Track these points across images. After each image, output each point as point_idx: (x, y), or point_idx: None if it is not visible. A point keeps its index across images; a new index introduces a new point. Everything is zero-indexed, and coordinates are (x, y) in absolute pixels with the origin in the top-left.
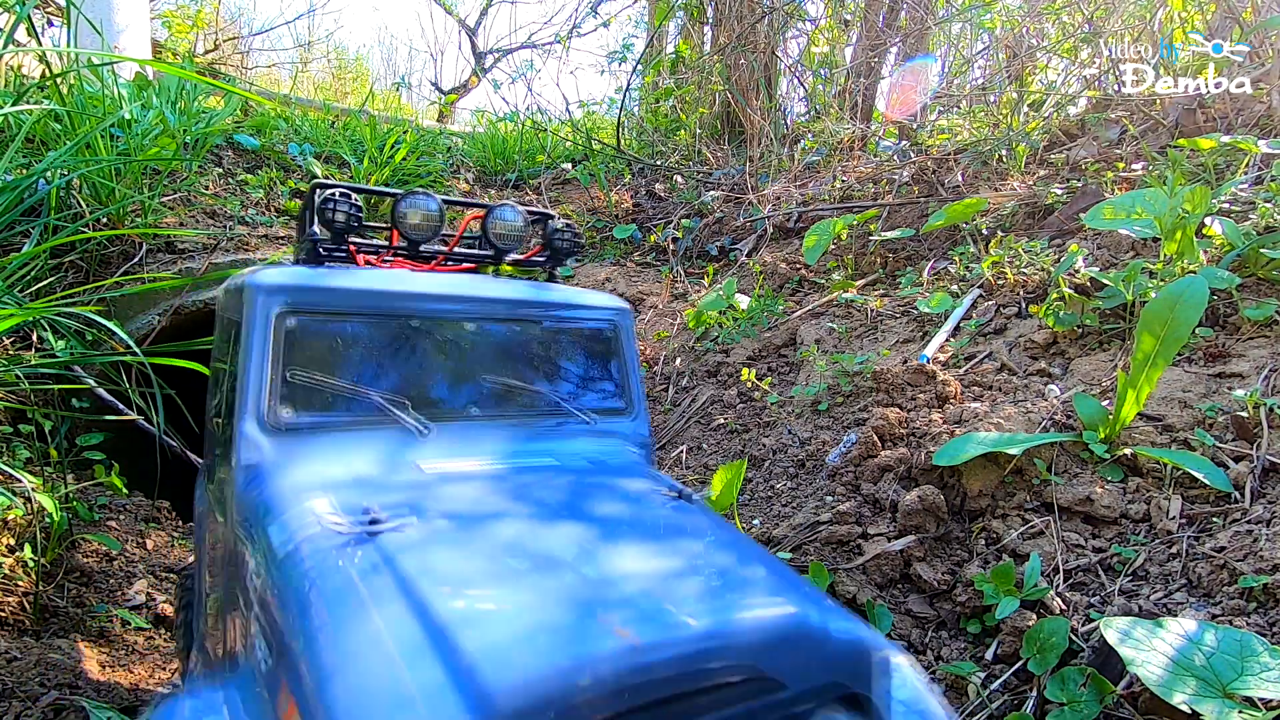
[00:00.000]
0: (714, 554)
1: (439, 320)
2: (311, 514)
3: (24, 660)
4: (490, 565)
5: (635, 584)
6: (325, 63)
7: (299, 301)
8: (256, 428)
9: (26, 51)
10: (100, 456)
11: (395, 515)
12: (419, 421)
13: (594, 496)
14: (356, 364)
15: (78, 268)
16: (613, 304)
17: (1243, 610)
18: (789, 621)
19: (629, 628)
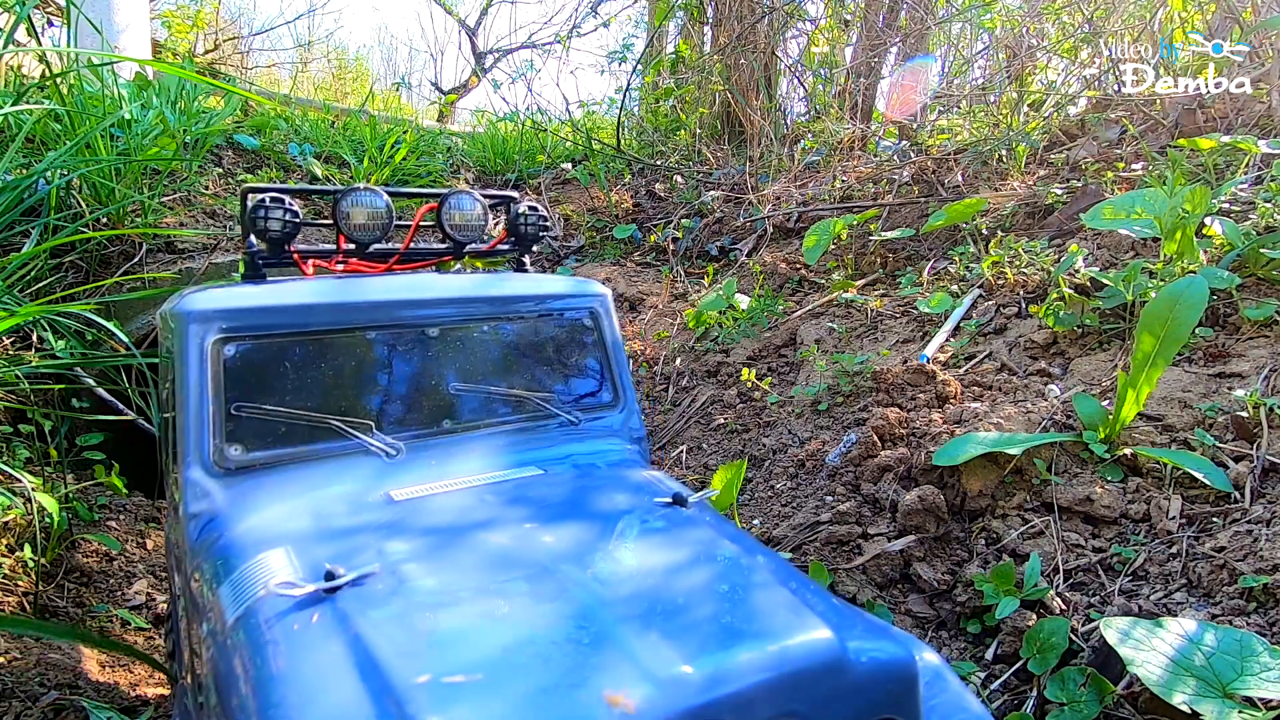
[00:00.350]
0: (715, 575)
1: (398, 328)
2: (264, 571)
3: (24, 660)
4: (463, 620)
5: (627, 628)
6: (325, 63)
7: (236, 326)
8: (202, 472)
9: (26, 51)
10: (100, 456)
11: (357, 565)
12: (387, 444)
13: (580, 514)
14: (311, 387)
15: (78, 268)
16: (589, 289)
17: (1243, 610)
18: (806, 654)
19: (622, 692)
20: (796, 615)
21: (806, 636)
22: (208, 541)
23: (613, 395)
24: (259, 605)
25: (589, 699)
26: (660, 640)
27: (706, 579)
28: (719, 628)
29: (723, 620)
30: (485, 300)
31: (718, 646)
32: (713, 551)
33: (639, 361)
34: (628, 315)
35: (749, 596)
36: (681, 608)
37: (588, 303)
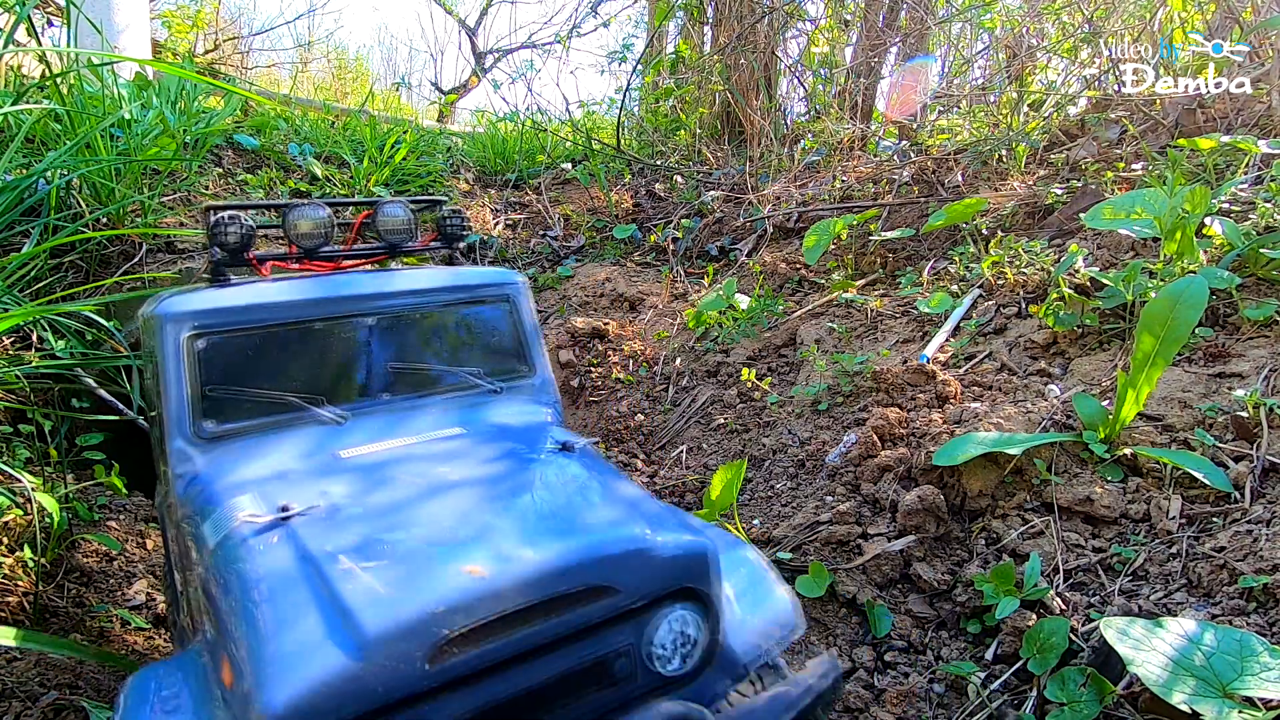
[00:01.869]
0: (571, 493)
1: (341, 319)
2: (236, 509)
3: (24, 660)
4: (376, 531)
5: (498, 531)
6: (325, 63)
7: (205, 324)
8: (184, 442)
9: (26, 51)
10: (100, 456)
11: (306, 502)
12: (335, 413)
13: (486, 459)
14: (270, 370)
15: (78, 268)
16: (502, 277)
17: (1243, 610)
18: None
19: (479, 565)
20: (620, 517)
21: (622, 530)
22: (192, 494)
23: (528, 366)
24: (233, 532)
25: (453, 570)
26: (516, 534)
27: (562, 496)
28: (561, 526)
29: (565, 521)
30: (414, 292)
31: (555, 537)
32: (575, 480)
33: (639, 361)
34: (628, 315)
35: (590, 507)
36: (538, 514)
37: (505, 289)
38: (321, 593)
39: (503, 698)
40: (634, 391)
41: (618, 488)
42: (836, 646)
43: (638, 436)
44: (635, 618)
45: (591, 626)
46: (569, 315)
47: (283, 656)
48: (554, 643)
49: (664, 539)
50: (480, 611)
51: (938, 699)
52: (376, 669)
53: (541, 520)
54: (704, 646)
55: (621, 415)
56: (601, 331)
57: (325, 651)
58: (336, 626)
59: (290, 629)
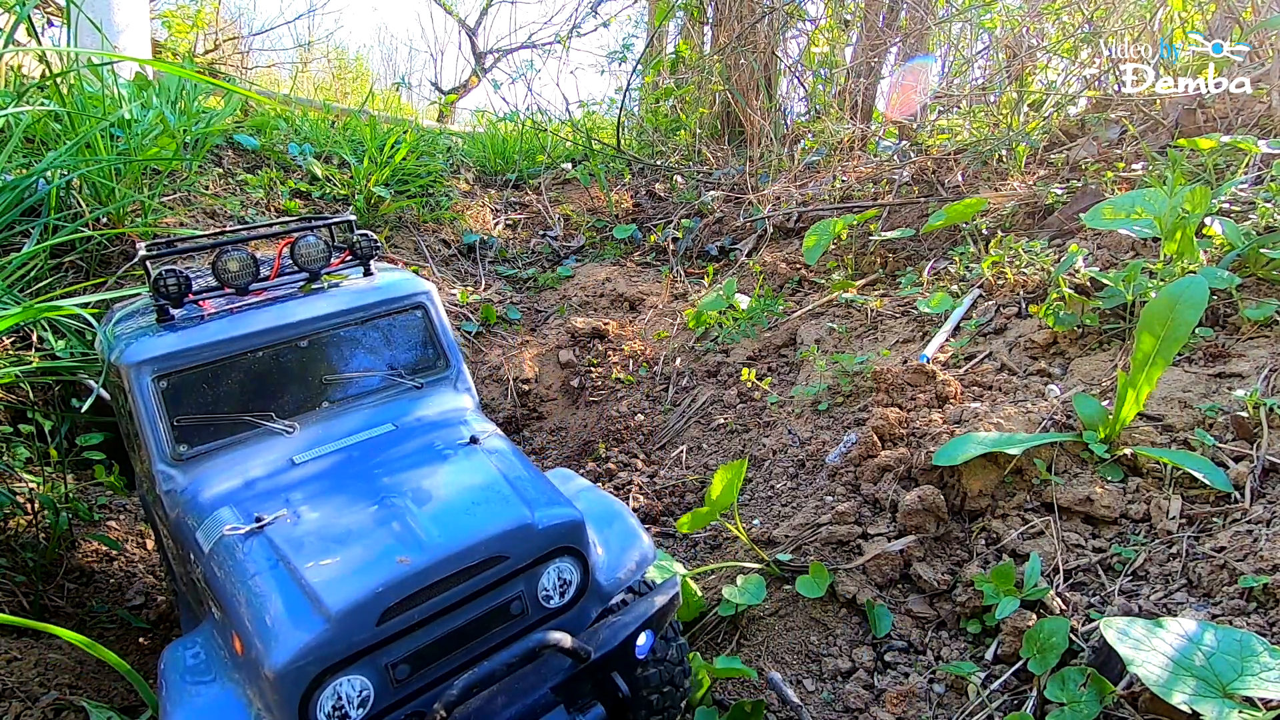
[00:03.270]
0: (474, 483)
1: (278, 345)
2: (219, 521)
3: (24, 660)
4: (330, 531)
5: (419, 521)
6: (325, 63)
7: (164, 367)
8: (165, 465)
9: (26, 51)
10: (100, 456)
11: (273, 510)
12: (284, 425)
13: (408, 453)
14: (227, 394)
15: (78, 268)
16: (414, 288)
17: (1243, 610)
18: (507, 521)
19: (407, 555)
20: (510, 501)
21: (509, 514)
22: (180, 505)
23: (444, 361)
24: (220, 541)
25: (389, 561)
26: (432, 523)
27: (468, 486)
28: (465, 512)
29: (469, 508)
30: (337, 314)
31: (461, 524)
32: (478, 470)
33: (639, 361)
34: (628, 315)
35: (486, 495)
36: (448, 504)
37: (417, 298)
38: (295, 583)
39: (431, 640)
40: (634, 391)
41: (512, 473)
42: (837, 646)
43: (638, 436)
44: (526, 573)
45: (492, 585)
46: (569, 315)
47: (277, 629)
48: (466, 599)
49: (542, 514)
50: (410, 588)
51: (938, 699)
52: (341, 631)
53: (450, 508)
54: (578, 585)
55: (621, 415)
56: (601, 331)
57: (305, 624)
58: (309, 607)
59: (278, 610)
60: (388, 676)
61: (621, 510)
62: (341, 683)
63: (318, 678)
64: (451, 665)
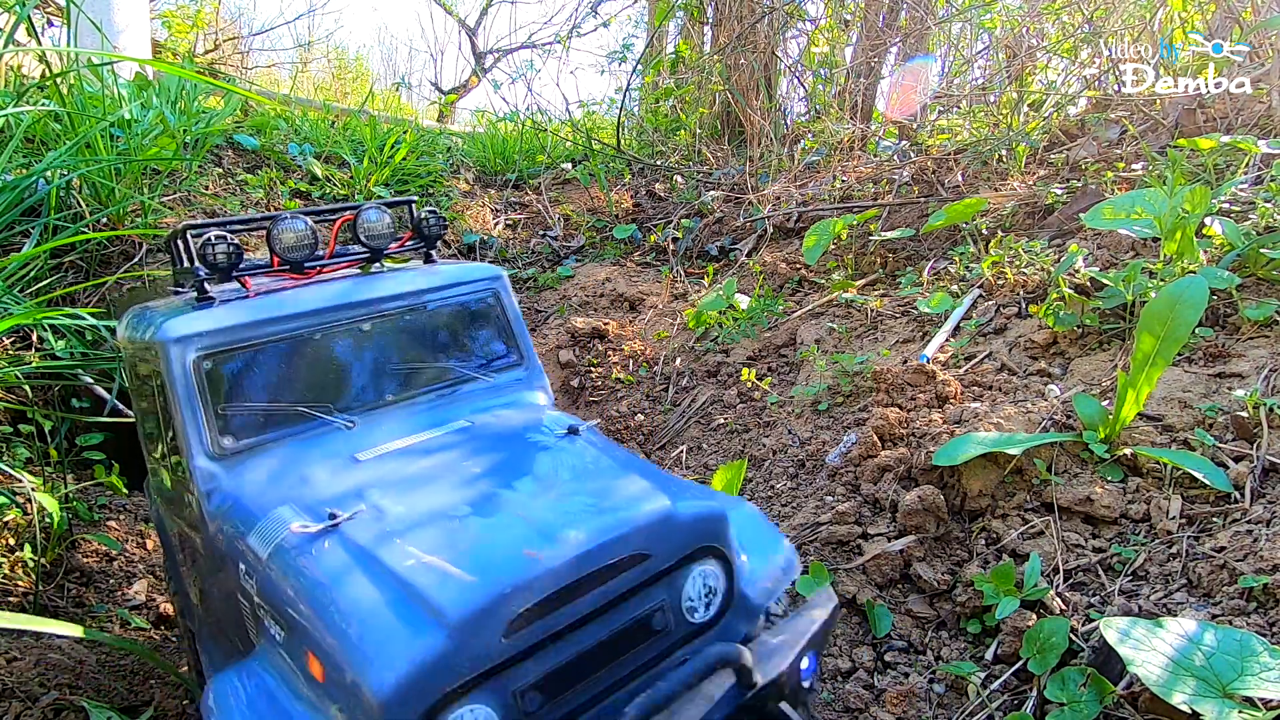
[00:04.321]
0: (591, 473)
1: (337, 328)
2: (280, 521)
3: (24, 660)
4: (426, 526)
5: (538, 515)
6: (325, 63)
7: (208, 345)
8: (207, 460)
9: (26, 51)
10: (100, 456)
11: (346, 507)
12: (344, 419)
13: (499, 446)
14: (276, 383)
15: (78, 268)
16: (485, 273)
17: (1243, 610)
18: (647, 514)
19: (534, 549)
20: (644, 492)
21: (648, 505)
22: (224, 509)
23: (518, 355)
24: (284, 543)
25: (515, 555)
26: (558, 513)
27: (586, 476)
28: (593, 504)
29: (596, 500)
30: (403, 295)
31: (591, 516)
32: (591, 460)
33: (639, 361)
34: (628, 315)
35: (613, 485)
36: (570, 497)
37: (489, 284)
38: (395, 586)
39: (567, 660)
40: (634, 391)
41: (630, 463)
42: (837, 646)
43: (638, 436)
44: (668, 577)
45: (633, 589)
46: (569, 315)
47: (378, 645)
48: (604, 608)
49: (684, 506)
50: (544, 589)
51: (938, 699)
52: (463, 646)
53: (574, 501)
54: (724, 595)
55: (621, 415)
56: (601, 331)
57: (417, 636)
58: (420, 614)
59: (376, 621)
60: (515, 708)
61: (752, 510)
62: (463, 715)
63: (435, 707)
64: (589, 694)
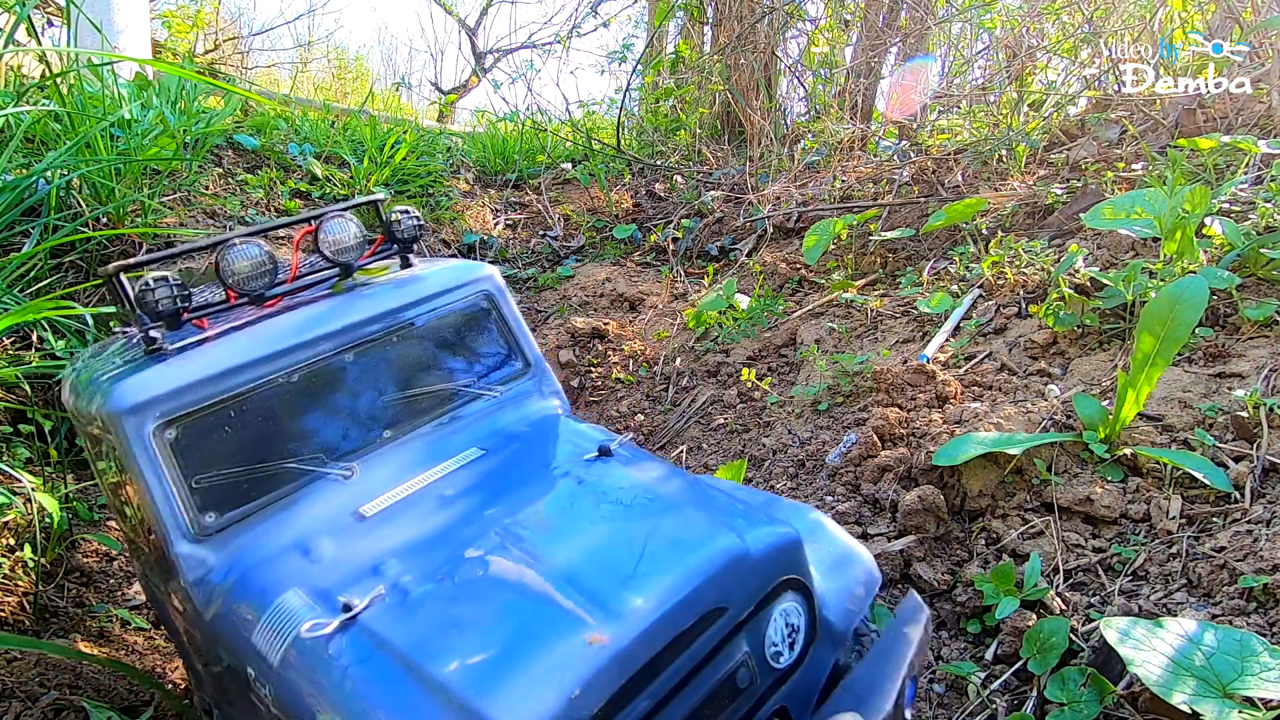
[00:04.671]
0: (644, 513)
1: (314, 364)
2: (288, 616)
3: (24, 660)
4: (464, 609)
5: (588, 577)
6: (325, 63)
7: (169, 410)
8: (189, 544)
9: (26, 51)
10: None
11: (362, 589)
12: (340, 468)
13: (524, 484)
14: (256, 438)
15: (78, 268)
16: (474, 274)
17: (1243, 610)
18: (718, 559)
19: (596, 632)
20: (706, 529)
21: (716, 546)
22: (218, 597)
23: (523, 362)
24: (297, 646)
25: (575, 643)
26: (612, 580)
27: (633, 515)
28: (651, 555)
29: (653, 547)
30: (385, 315)
31: (654, 572)
32: (633, 491)
33: (639, 361)
34: (628, 315)
35: (668, 523)
36: (621, 548)
37: (478, 287)
38: (439, 699)
39: None
40: (634, 391)
41: (679, 488)
42: None
43: (638, 436)
44: (748, 625)
45: (713, 651)
46: (569, 315)
47: None
48: (682, 681)
49: (753, 538)
50: (614, 681)
51: (938, 699)
52: None
53: (627, 551)
54: (806, 629)
55: (621, 415)
56: (601, 331)
57: None
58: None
59: None
60: None
61: (820, 518)
62: None
63: None
64: None
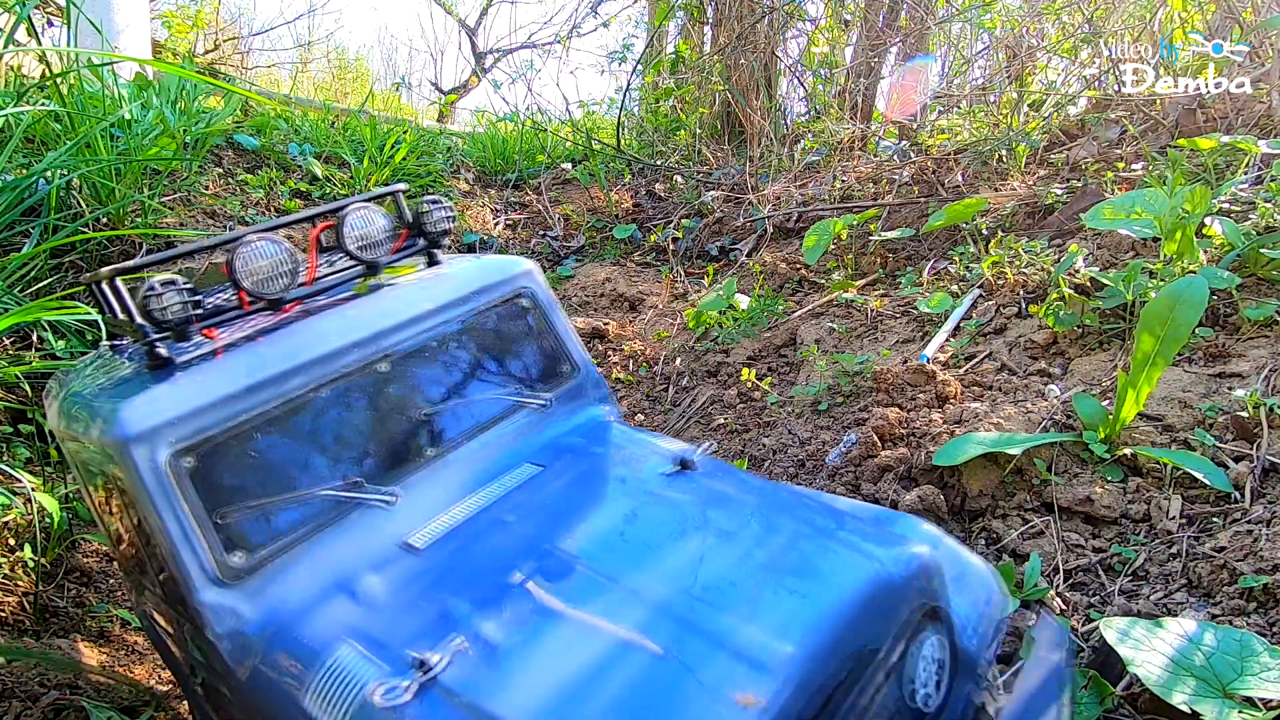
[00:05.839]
0: (754, 538)
1: (345, 377)
2: (348, 676)
3: (24, 660)
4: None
5: (713, 620)
6: (325, 63)
7: (186, 436)
8: (215, 591)
9: (26, 51)
10: None
11: (435, 641)
12: (382, 493)
13: (603, 507)
14: (284, 463)
15: (78, 268)
16: (513, 270)
17: (1243, 610)
18: (861, 590)
19: (744, 691)
20: (836, 556)
21: (852, 574)
22: (254, 654)
23: (569, 364)
24: (367, 715)
25: (724, 706)
26: (744, 623)
27: (750, 546)
28: (784, 594)
29: (783, 585)
30: (421, 317)
31: (795, 612)
32: (736, 515)
33: (639, 361)
34: (628, 315)
35: (789, 550)
36: (744, 583)
37: (518, 284)
38: None
39: None
40: (634, 391)
41: (785, 505)
42: None
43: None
44: (893, 664)
45: (867, 702)
46: (569, 315)
47: None
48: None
49: (891, 562)
50: None
51: None
52: None
53: (751, 587)
54: (949, 664)
55: (621, 415)
56: (601, 331)
57: None
58: None
59: None
60: None
61: (933, 530)
62: None
63: None
64: None
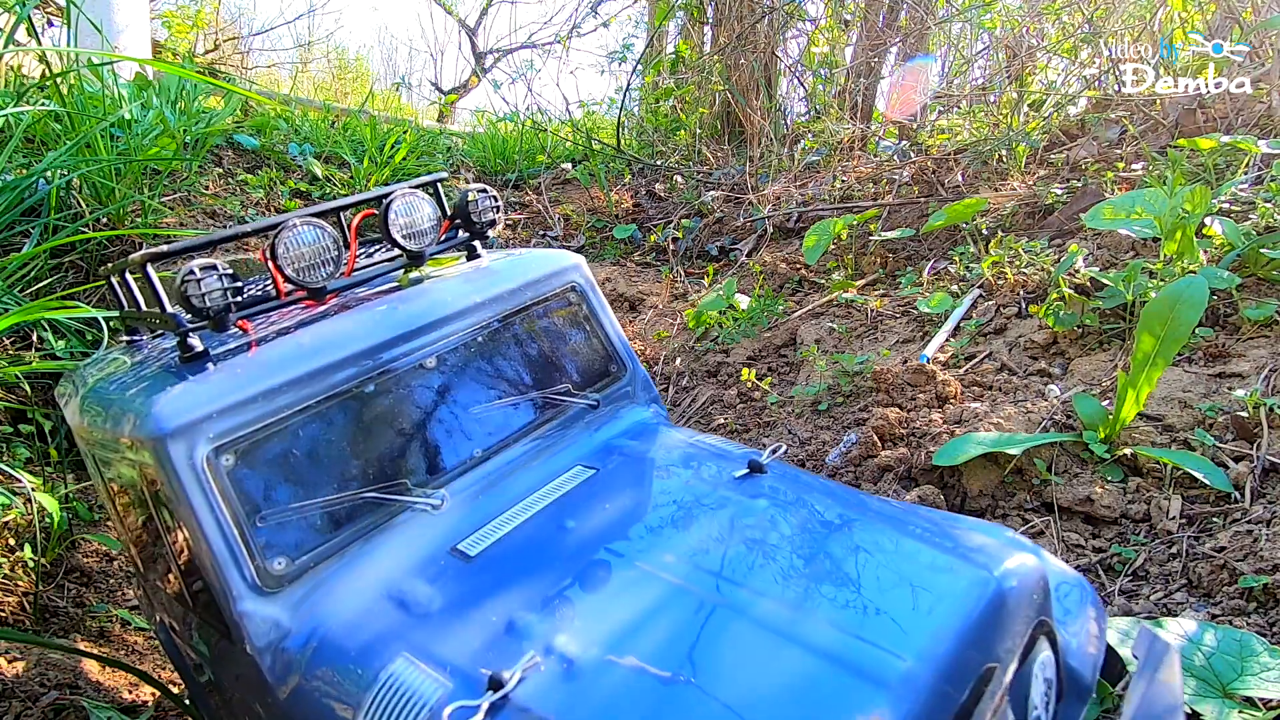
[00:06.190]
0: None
1: (390, 373)
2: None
3: (24, 660)
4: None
5: (821, 634)
6: (325, 63)
7: (226, 432)
8: (255, 599)
9: (26, 51)
10: None
11: (505, 656)
12: (429, 497)
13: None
14: (326, 463)
15: (78, 268)
16: (561, 264)
17: (1243, 610)
18: (978, 603)
19: (867, 713)
20: (945, 566)
21: (968, 586)
22: (299, 668)
23: (618, 364)
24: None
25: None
26: (857, 639)
27: (848, 554)
28: (894, 606)
29: (891, 597)
30: (469, 311)
31: (909, 626)
32: (823, 521)
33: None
34: (628, 315)
35: (891, 559)
36: (847, 595)
37: (566, 278)
38: None
39: None
40: None
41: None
42: None
43: None
44: (1008, 684)
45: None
46: None
47: None
48: None
49: (1003, 573)
50: None
51: None
52: None
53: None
54: (1057, 683)
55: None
56: None
57: None
58: None
59: None
60: None
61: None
62: None
63: None
64: None
